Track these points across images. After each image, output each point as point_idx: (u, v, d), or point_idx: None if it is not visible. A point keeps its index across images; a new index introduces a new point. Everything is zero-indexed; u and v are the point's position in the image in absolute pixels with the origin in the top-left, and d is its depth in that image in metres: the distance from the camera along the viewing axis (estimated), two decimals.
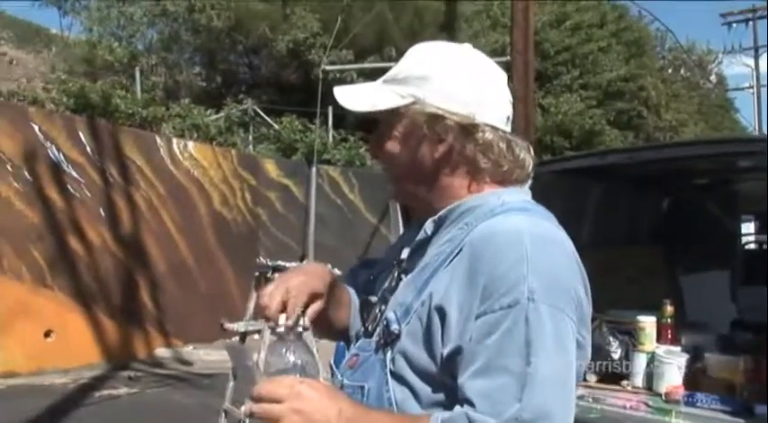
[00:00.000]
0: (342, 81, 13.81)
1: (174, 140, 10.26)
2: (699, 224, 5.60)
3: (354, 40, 13.14)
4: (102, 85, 11.09)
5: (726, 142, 5.14)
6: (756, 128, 30.03)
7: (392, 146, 1.30)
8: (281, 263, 5.42)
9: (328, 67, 11.84)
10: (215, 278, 10.45)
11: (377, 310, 1.36)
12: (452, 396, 1.15)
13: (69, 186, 8.45)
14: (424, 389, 1.19)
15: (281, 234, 11.51)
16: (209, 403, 6.79)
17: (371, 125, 1.38)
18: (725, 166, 4.96)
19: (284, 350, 1.24)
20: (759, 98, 30.21)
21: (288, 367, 1.21)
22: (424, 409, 1.18)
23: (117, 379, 7.97)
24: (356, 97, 1.32)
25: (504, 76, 1.35)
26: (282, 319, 1.29)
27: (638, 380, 3.97)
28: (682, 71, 30.78)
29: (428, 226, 1.30)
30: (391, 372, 1.22)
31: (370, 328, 1.36)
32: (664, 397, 3.76)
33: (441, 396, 1.17)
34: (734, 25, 29.84)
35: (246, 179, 11.18)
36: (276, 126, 13.58)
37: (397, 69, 1.32)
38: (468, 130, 1.26)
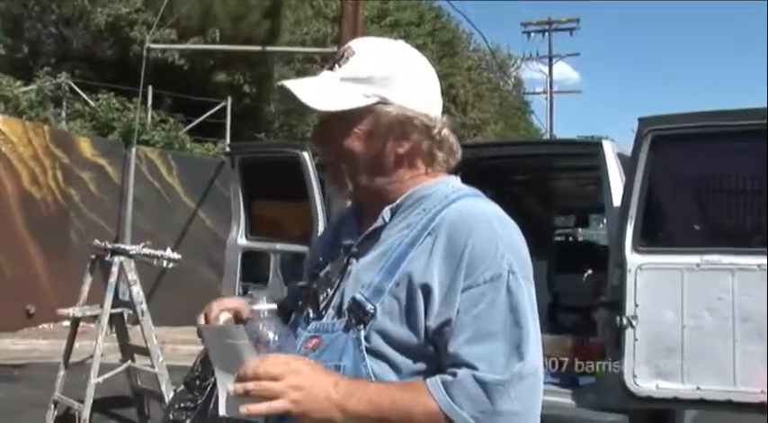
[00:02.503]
0: (164, 61, 13.33)
1: None
2: (518, 217, 6.11)
3: (178, 20, 12.71)
4: None
5: (561, 144, 5.65)
6: (548, 129, 32.63)
7: (352, 142, 1.35)
8: (121, 246, 5.24)
9: (153, 46, 11.37)
10: (22, 262, 9.79)
11: (324, 294, 1.42)
12: (434, 364, 1.28)
13: None
14: (403, 361, 1.29)
15: (94, 216, 10.97)
16: (23, 396, 6.43)
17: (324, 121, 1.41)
18: (549, 165, 5.47)
19: (262, 327, 1.29)
20: (551, 103, 32.92)
21: (271, 346, 1.26)
22: (404, 379, 1.28)
23: None
24: (320, 96, 1.34)
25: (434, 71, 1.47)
26: (263, 301, 1.35)
27: None
28: (485, 73, 32.66)
29: (385, 213, 1.39)
30: (367, 348, 1.30)
31: (317, 311, 1.42)
32: None
33: (422, 365, 1.29)
34: (532, 34, 32.29)
35: (59, 157, 10.53)
36: (92, 103, 12.84)
37: (356, 68, 1.36)
38: (429, 127, 1.38)
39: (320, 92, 1.34)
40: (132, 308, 5.11)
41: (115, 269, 4.98)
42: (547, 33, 32.28)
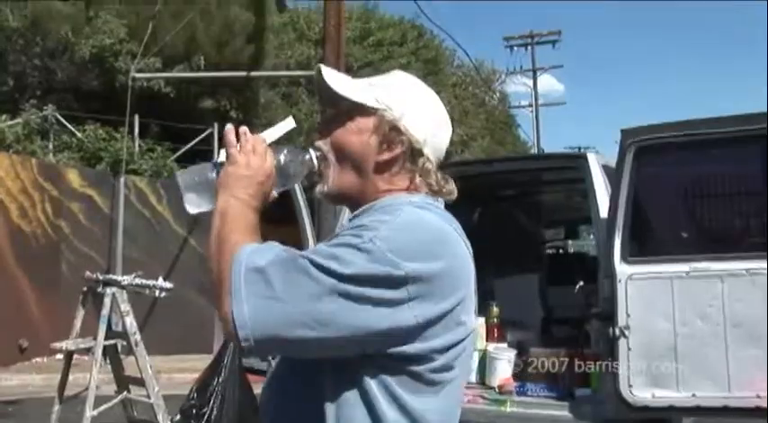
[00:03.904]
0: (149, 89, 13.36)
1: None
2: (510, 232, 6.13)
3: (162, 49, 12.76)
4: None
5: (547, 158, 5.69)
6: (535, 142, 32.80)
7: (344, 134, 1.44)
8: (112, 277, 5.22)
9: (138, 75, 11.40)
10: (12, 296, 9.72)
11: None
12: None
13: None
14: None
15: (84, 247, 10.95)
16: None
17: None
18: (536, 180, 5.50)
19: (291, 154, 1.47)
20: (537, 116, 33.12)
21: (278, 157, 1.45)
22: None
23: None
24: (340, 81, 1.45)
25: (450, 130, 1.55)
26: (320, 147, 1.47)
27: (473, 376, 4.33)
28: (470, 88, 32.82)
29: (346, 224, 1.47)
30: None
31: None
32: (497, 389, 4.14)
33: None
34: (515, 48, 32.56)
35: (48, 190, 10.51)
36: (79, 134, 12.85)
37: (381, 80, 1.51)
38: (414, 152, 1.45)
39: (343, 80, 1.46)
40: (126, 338, 5.08)
41: (107, 300, 4.96)
42: (529, 47, 32.62)
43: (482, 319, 4.50)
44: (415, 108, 1.47)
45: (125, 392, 5.18)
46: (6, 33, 13.42)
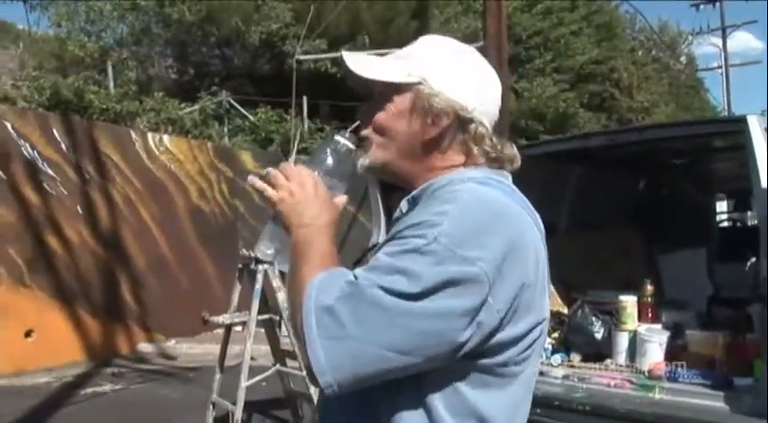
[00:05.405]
0: (316, 71, 13.77)
1: (150, 134, 10.18)
2: (675, 204, 5.69)
3: (327, 30, 13.07)
4: (74, 81, 10.93)
5: (703, 123, 5.21)
6: (725, 107, 30.42)
7: (385, 117, 1.35)
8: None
9: (302, 58, 11.77)
10: (195, 272, 10.42)
11: None
12: None
13: (45, 184, 8.35)
14: None
15: (259, 225, 11.47)
16: (195, 396, 6.79)
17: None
18: (700, 147, 5.04)
19: (330, 151, 1.40)
20: (727, 78, 30.64)
21: (319, 163, 1.39)
22: None
23: (101, 376, 7.93)
24: (366, 64, 1.36)
25: (500, 86, 1.41)
26: (347, 139, 1.40)
27: (622, 358, 4.04)
28: (653, 52, 30.99)
29: (403, 205, 1.36)
30: None
31: None
32: (647, 374, 3.83)
33: None
34: (701, 6, 30.21)
35: (223, 171, 11.13)
36: (251, 117, 13.51)
37: (410, 50, 1.39)
38: (463, 120, 1.33)
39: (369, 63, 1.37)
40: (279, 314, 5.28)
41: (260, 277, 5.16)
42: (718, 4, 30.17)
43: (634, 298, 4.20)
44: (453, 72, 1.35)
45: (278, 365, 5.38)
46: (185, 27, 14.36)
